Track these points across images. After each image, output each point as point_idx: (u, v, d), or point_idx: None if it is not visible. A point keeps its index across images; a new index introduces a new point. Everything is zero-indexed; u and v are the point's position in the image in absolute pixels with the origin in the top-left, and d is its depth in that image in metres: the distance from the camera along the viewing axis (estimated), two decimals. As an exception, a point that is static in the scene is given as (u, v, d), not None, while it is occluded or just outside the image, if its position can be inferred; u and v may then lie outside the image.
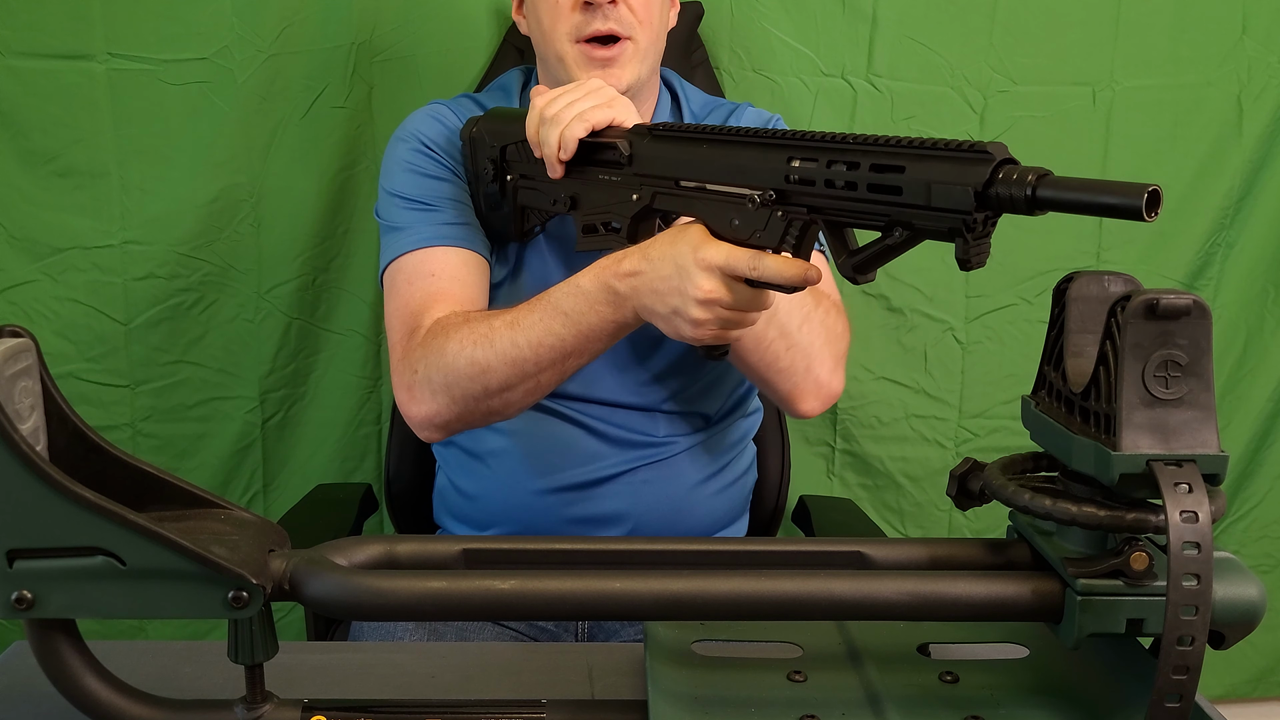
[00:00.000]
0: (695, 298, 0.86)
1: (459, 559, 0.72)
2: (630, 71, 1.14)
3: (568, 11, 1.12)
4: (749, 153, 0.84)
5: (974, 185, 0.67)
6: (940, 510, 1.77)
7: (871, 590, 0.65)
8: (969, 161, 0.68)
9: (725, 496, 1.25)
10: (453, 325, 1.04)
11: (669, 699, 0.70)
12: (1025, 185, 0.65)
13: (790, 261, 0.82)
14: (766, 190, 0.82)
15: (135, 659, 0.77)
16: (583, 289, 0.96)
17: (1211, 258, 1.72)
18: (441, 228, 1.14)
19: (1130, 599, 0.64)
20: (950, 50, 1.61)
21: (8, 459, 0.59)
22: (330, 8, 1.52)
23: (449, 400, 1.04)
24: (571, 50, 1.13)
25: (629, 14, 1.13)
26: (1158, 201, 0.59)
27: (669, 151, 0.93)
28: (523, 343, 0.99)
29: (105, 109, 1.51)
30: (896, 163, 0.72)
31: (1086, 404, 0.64)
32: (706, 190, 0.88)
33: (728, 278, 0.85)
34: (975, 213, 0.67)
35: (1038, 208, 0.65)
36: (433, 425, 1.07)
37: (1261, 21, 1.64)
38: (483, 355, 1.01)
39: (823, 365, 1.10)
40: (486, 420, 1.07)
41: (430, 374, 1.04)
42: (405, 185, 1.17)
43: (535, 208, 1.11)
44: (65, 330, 1.56)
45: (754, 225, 0.84)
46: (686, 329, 0.89)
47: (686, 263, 0.86)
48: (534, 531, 1.19)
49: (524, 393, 1.02)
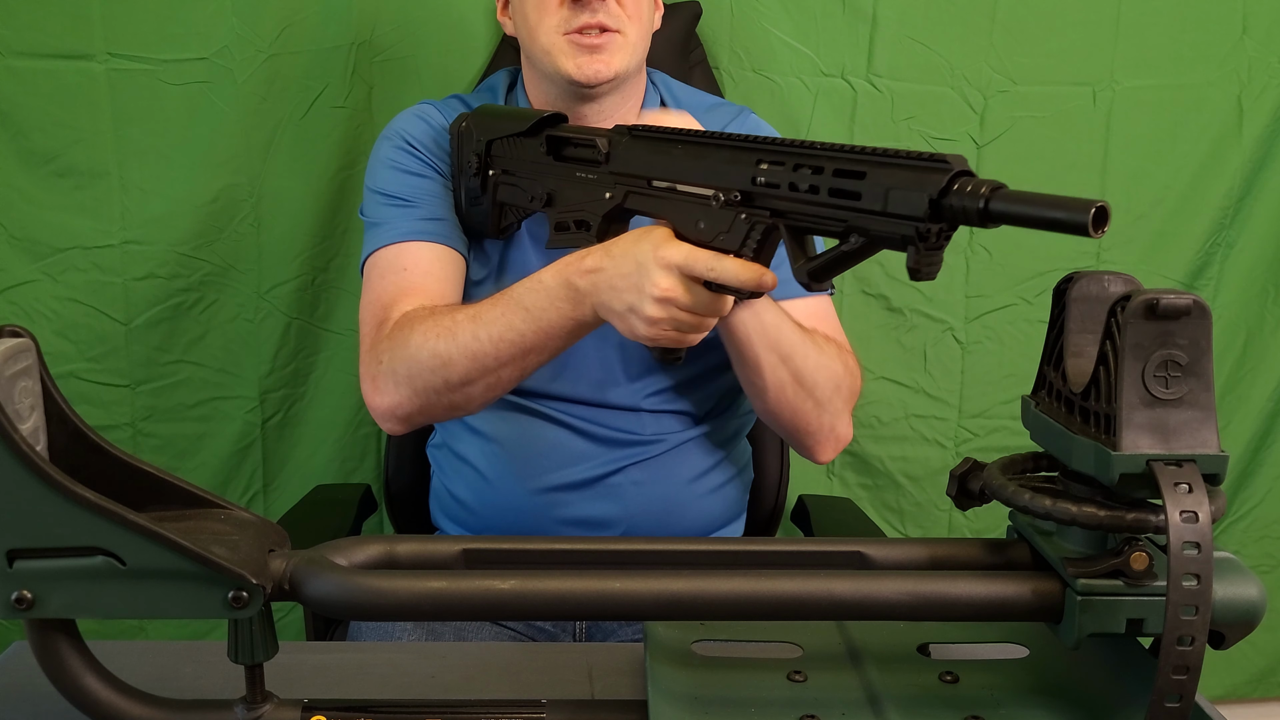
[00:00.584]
0: (652, 295, 0.87)
1: (459, 559, 0.72)
2: (620, 60, 1.14)
3: (554, 6, 1.12)
4: (720, 154, 0.85)
5: (930, 193, 0.68)
6: (940, 510, 1.76)
7: (871, 590, 0.65)
8: (927, 170, 0.68)
9: (719, 495, 1.25)
10: (419, 318, 1.05)
11: (669, 699, 0.70)
12: (979, 197, 0.65)
13: (748, 265, 0.84)
14: (732, 191, 0.83)
15: (135, 659, 0.77)
16: (544, 284, 0.97)
17: (1211, 258, 1.72)
18: (417, 223, 1.15)
19: (1130, 599, 0.64)
20: (950, 50, 1.61)
21: (8, 459, 0.59)
22: (330, 8, 1.52)
23: (411, 392, 1.04)
24: (559, 41, 1.13)
25: (618, 8, 1.13)
26: (1105, 218, 0.60)
27: (645, 151, 0.94)
28: (484, 336, 0.99)
29: (105, 109, 1.51)
30: (858, 169, 0.73)
31: (1086, 404, 0.64)
32: (677, 191, 0.90)
33: (686, 278, 0.86)
34: (929, 222, 0.69)
35: (990, 220, 0.65)
36: (395, 416, 1.08)
37: (1261, 21, 1.64)
38: (444, 348, 1.01)
39: (837, 415, 1.14)
40: (449, 414, 1.07)
41: (394, 365, 1.05)
42: (386, 181, 1.18)
43: (513, 204, 1.12)
44: (65, 330, 1.56)
45: (718, 227, 0.85)
46: (641, 327, 0.89)
47: (647, 260, 0.87)
48: (525, 533, 1.18)
49: (485, 387, 1.02)
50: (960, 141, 1.63)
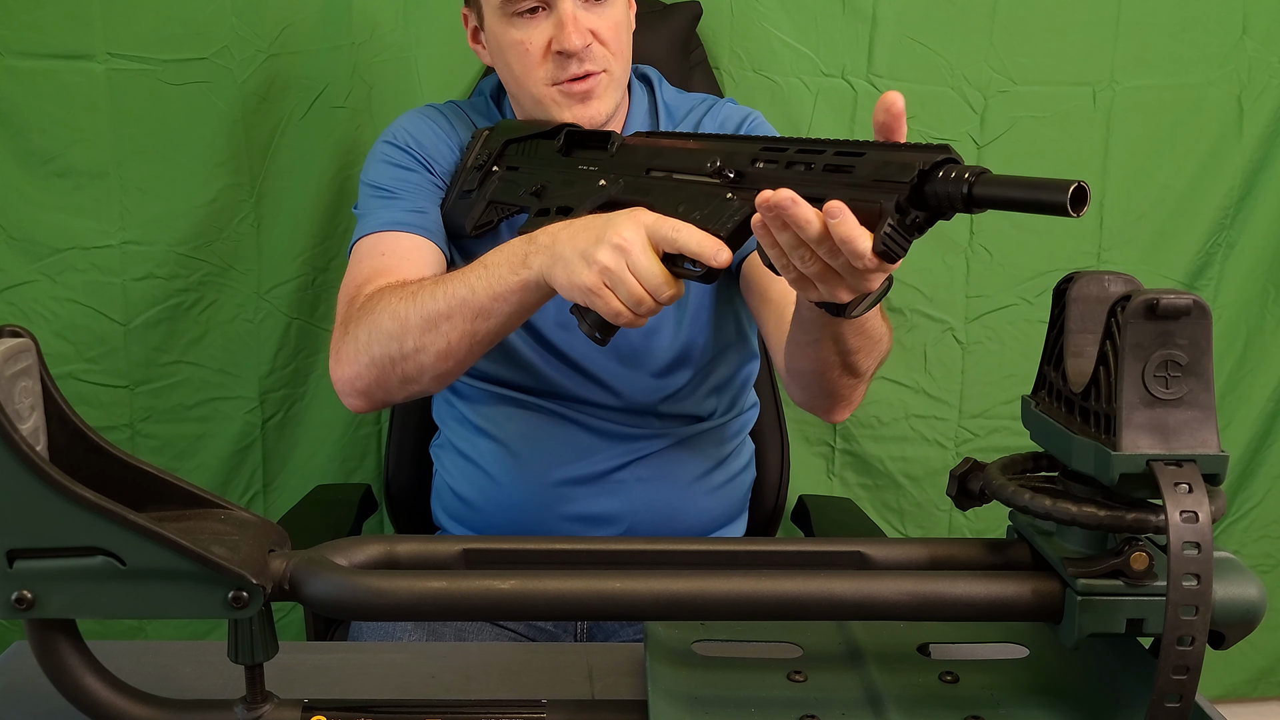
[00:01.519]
0: (611, 241, 0.87)
1: (459, 559, 0.72)
2: (610, 97, 1.15)
3: (539, 59, 1.12)
4: (724, 144, 0.89)
5: (920, 165, 0.71)
6: (940, 510, 1.76)
7: (871, 590, 0.65)
8: (921, 151, 0.72)
9: (722, 494, 1.25)
10: (390, 288, 1.06)
11: (669, 699, 0.70)
12: (963, 182, 0.68)
13: (709, 236, 0.84)
14: (728, 169, 0.86)
15: (135, 659, 0.77)
16: (507, 244, 0.98)
17: (1211, 258, 1.72)
18: (400, 214, 1.16)
19: (1130, 599, 0.64)
20: (950, 50, 1.61)
21: (8, 459, 0.59)
22: (330, 8, 1.52)
23: (369, 361, 1.04)
24: (549, 93, 1.13)
25: (601, 50, 1.13)
26: (1084, 197, 0.62)
27: (650, 146, 0.98)
28: (440, 295, 1.00)
29: (105, 109, 1.51)
30: (857, 150, 0.77)
31: (1086, 404, 0.64)
32: (670, 178, 0.92)
33: (647, 240, 0.86)
34: (913, 207, 0.72)
35: (975, 205, 0.68)
36: (354, 390, 1.07)
37: (1261, 21, 1.64)
38: (404, 309, 1.01)
39: (867, 384, 1.10)
40: (404, 388, 1.06)
41: (358, 333, 1.05)
42: (376, 175, 1.20)
43: (501, 201, 1.14)
44: (64, 331, 1.56)
45: (699, 207, 0.87)
46: (585, 273, 0.88)
47: (616, 217, 0.89)
48: (529, 530, 1.19)
49: (435, 355, 1.01)
50: (960, 141, 1.63)
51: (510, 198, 1.12)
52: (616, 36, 1.14)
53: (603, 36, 1.12)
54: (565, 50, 1.10)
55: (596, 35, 1.11)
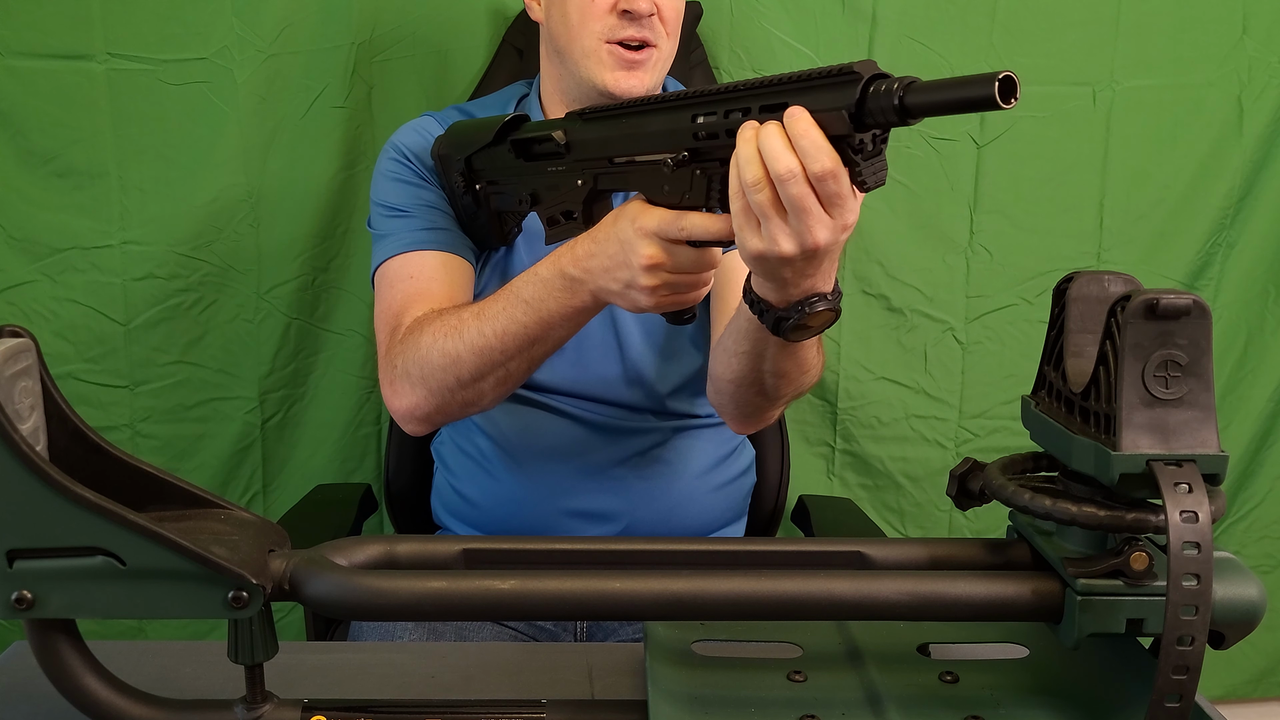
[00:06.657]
0: (641, 265, 0.88)
1: (459, 559, 0.72)
2: (653, 76, 1.16)
3: (603, 12, 1.13)
4: (661, 118, 0.88)
5: (846, 107, 0.70)
6: (940, 510, 1.76)
7: (871, 590, 0.65)
8: (840, 85, 0.71)
9: (722, 495, 1.26)
10: (428, 320, 1.07)
11: (669, 699, 0.70)
12: (893, 95, 0.68)
13: (714, 218, 0.85)
14: (679, 151, 0.85)
15: (135, 659, 0.77)
16: (540, 276, 0.98)
17: (1211, 258, 1.72)
18: (419, 233, 1.16)
19: (1130, 599, 0.63)
20: (950, 50, 1.61)
21: (8, 459, 0.59)
22: (330, 8, 1.52)
23: (426, 392, 1.06)
24: (600, 49, 1.14)
25: (661, 25, 1.14)
26: (1013, 88, 0.62)
27: (599, 132, 0.96)
28: (489, 332, 1.01)
29: (105, 109, 1.51)
30: (781, 100, 0.76)
31: (1086, 404, 0.64)
32: (636, 162, 0.92)
33: (665, 241, 0.87)
34: (856, 134, 0.72)
35: (909, 115, 0.68)
36: (414, 417, 1.09)
37: (1261, 21, 1.64)
38: (453, 346, 1.03)
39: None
40: (464, 411, 1.08)
41: (409, 368, 1.06)
42: (387, 194, 1.20)
43: (508, 210, 1.14)
44: (64, 331, 1.56)
45: (681, 187, 0.87)
46: (643, 299, 0.90)
47: (628, 235, 0.89)
48: (529, 526, 1.20)
49: (495, 382, 1.03)
50: (960, 141, 1.63)
51: (512, 206, 1.12)
52: (676, 18, 1.16)
53: (664, 14, 1.14)
54: (632, 10, 1.11)
55: (659, 11, 1.13)
